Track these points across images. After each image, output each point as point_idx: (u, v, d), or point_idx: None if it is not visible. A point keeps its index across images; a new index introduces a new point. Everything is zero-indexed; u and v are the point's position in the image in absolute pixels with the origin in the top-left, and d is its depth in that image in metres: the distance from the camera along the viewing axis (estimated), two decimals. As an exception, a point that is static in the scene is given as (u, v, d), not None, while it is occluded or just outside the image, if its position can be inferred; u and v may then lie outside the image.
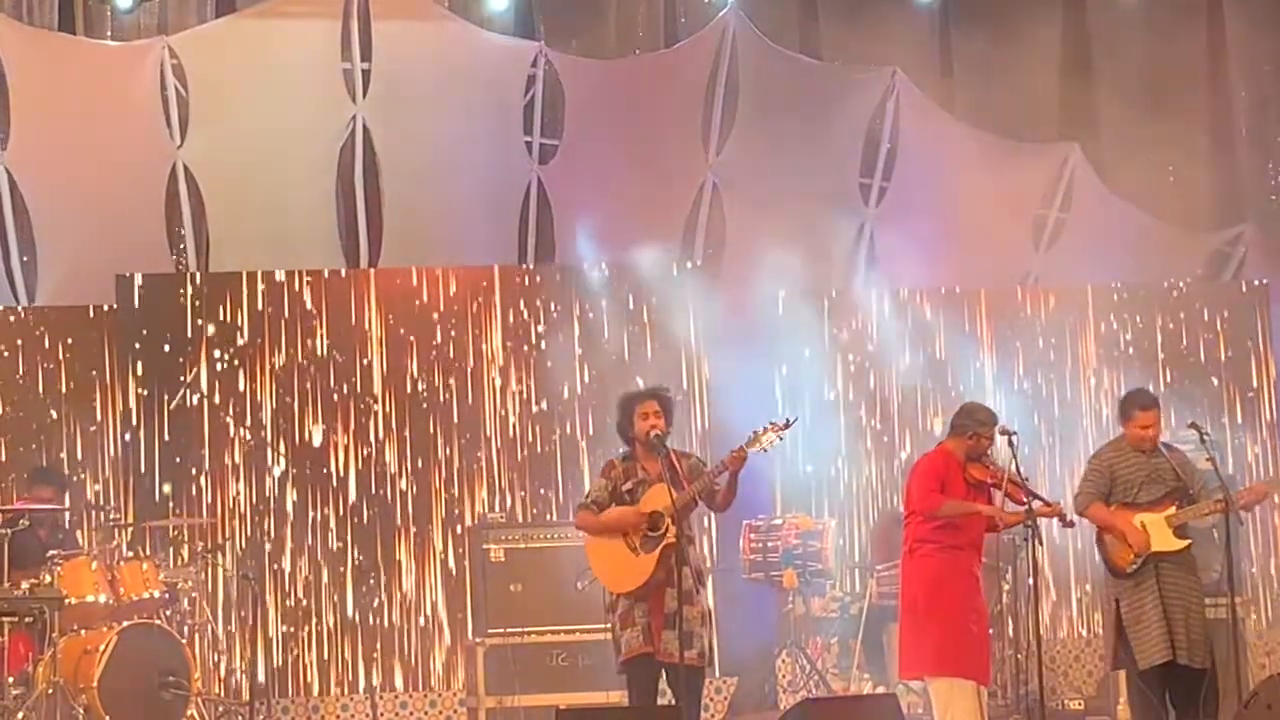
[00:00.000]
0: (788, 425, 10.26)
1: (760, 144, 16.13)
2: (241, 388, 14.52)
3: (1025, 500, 10.82)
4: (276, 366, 14.61)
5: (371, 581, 14.54)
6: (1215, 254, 17.20)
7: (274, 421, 14.54)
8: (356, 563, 14.53)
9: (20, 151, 15.13)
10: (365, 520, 14.58)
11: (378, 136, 15.76)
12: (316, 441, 14.60)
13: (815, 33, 16.81)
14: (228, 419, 14.43)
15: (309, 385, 14.64)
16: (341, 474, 14.59)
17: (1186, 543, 11.00)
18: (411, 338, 14.83)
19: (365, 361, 14.74)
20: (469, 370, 14.88)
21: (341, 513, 14.55)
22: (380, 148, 15.78)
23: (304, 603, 14.43)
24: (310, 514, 14.51)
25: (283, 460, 14.49)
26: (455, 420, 14.79)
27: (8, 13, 15.22)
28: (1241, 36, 17.13)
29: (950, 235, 16.32)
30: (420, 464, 14.70)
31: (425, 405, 14.79)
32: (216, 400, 14.44)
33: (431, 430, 14.76)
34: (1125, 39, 16.94)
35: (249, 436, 14.40)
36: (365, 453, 14.66)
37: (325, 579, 14.48)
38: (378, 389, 14.73)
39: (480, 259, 15.33)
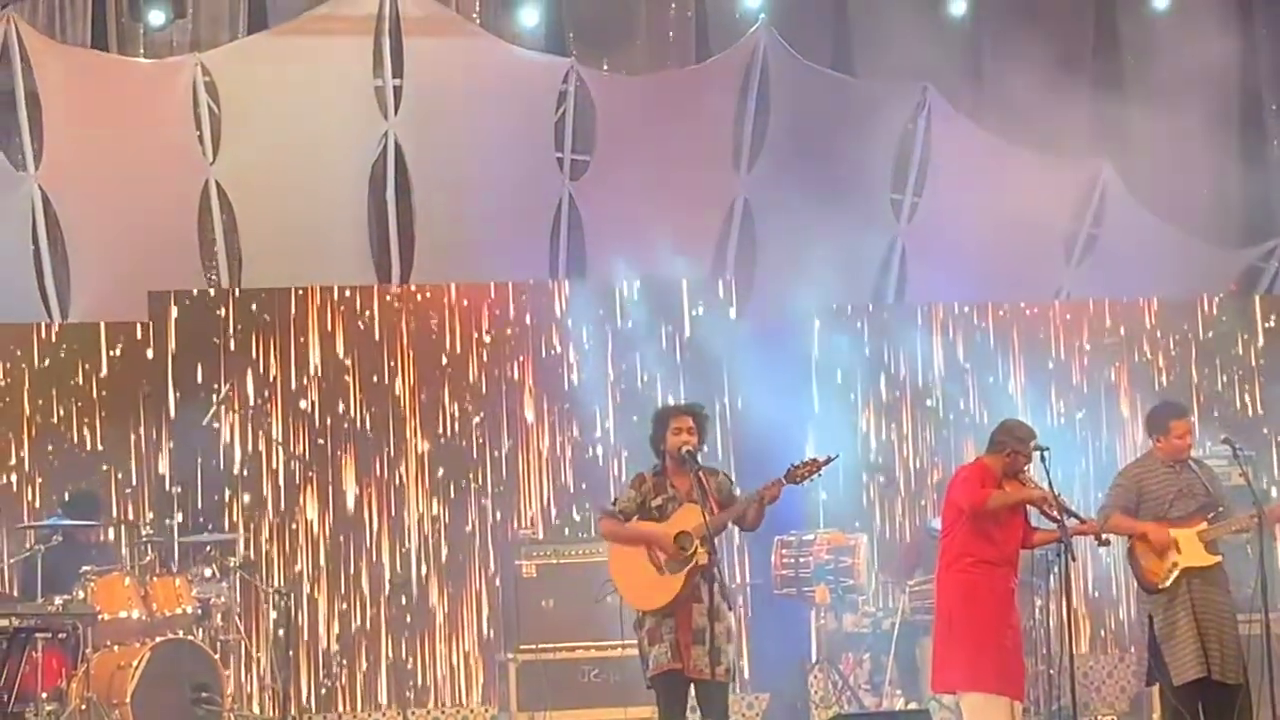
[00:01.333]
0: (828, 461, 10.20)
1: (792, 160, 16.12)
2: (273, 418, 14.56)
3: (1060, 517, 10.77)
4: (309, 396, 14.65)
5: (404, 601, 14.55)
6: (1248, 269, 17.15)
7: (306, 451, 14.59)
8: (390, 583, 14.55)
9: (53, 168, 15.18)
10: (400, 541, 14.61)
11: (409, 152, 15.80)
12: (348, 471, 14.63)
13: (846, 48, 16.81)
14: (260, 448, 14.49)
15: (340, 415, 14.68)
16: (373, 513, 14.64)
17: (1218, 558, 10.95)
18: (444, 365, 14.87)
19: (396, 392, 14.77)
20: (502, 395, 14.90)
21: (374, 535, 14.59)
22: (412, 164, 15.82)
23: (337, 623, 14.46)
24: (342, 538, 14.56)
25: (314, 484, 14.54)
26: (487, 444, 14.82)
27: (41, 30, 15.29)
28: (1274, 51, 17.10)
29: (982, 250, 16.31)
30: (452, 492, 14.73)
31: (458, 428, 14.81)
32: (249, 428, 14.50)
33: (464, 448, 14.79)
34: (1157, 53, 16.88)
35: (281, 462, 14.45)
36: (398, 480, 14.69)
37: (358, 598, 14.51)
38: (409, 417, 14.75)
39: (512, 275, 15.35)
